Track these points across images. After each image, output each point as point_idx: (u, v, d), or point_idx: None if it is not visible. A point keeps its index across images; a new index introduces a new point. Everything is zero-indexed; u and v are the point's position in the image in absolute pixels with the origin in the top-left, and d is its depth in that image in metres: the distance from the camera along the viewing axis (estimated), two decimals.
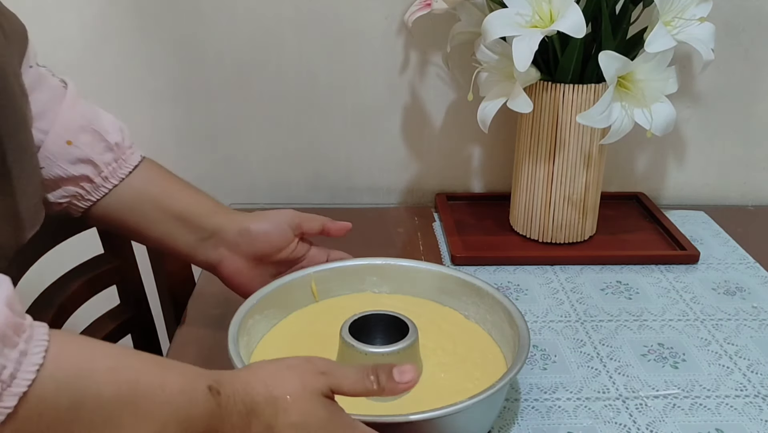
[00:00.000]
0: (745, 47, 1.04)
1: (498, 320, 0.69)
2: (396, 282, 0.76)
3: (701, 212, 1.07)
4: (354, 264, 0.76)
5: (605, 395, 0.68)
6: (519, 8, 0.80)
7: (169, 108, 1.06)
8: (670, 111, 0.85)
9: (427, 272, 0.75)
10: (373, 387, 0.52)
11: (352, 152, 1.10)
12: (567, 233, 0.94)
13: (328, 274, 0.75)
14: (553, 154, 0.90)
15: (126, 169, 0.71)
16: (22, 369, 0.40)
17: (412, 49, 1.04)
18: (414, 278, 0.75)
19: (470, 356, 0.68)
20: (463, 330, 0.72)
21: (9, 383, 0.39)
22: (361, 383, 0.52)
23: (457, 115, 1.07)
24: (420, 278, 0.75)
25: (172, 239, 0.72)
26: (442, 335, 0.70)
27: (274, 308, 0.71)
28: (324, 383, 0.51)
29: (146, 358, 0.48)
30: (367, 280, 0.76)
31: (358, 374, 0.53)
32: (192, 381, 0.47)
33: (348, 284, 0.76)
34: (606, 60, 0.80)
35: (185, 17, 1.01)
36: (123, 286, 0.87)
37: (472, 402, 0.56)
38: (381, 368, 0.53)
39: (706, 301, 0.84)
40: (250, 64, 1.04)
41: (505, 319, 0.68)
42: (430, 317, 0.71)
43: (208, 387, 0.47)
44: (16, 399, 0.39)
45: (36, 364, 0.40)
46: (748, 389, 0.69)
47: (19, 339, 0.40)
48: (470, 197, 1.11)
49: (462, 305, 0.73)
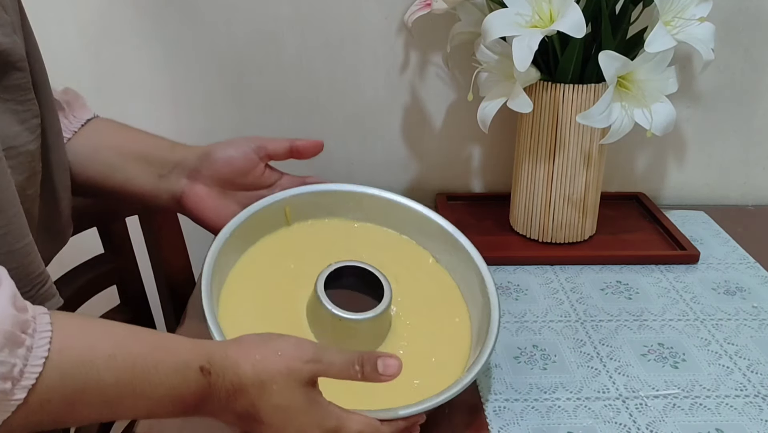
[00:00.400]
0: (745, 47, 1.04)
1: (468, 276, 0.69)
2: (372, 211, 0.73)
3: (701, 212, 1.07)
4: (332, 188, 0.73)
5: (605, 395, 0.68)
6: (519, 8, 0.80)
7: (169, 108, 1.06)
8: (670, 111, 0.85)
9: (405, 208, 0.73)
10: (357, 376, 0.55)
11: (352, 152, 1.10)
12: (567, 233, 0.94)
13: (304, 198, 0.71)
14: (553, 154, 0.90)
15: (77, 123, 0.70)
16: (30, 363, 0.42)
17: (412, 49, 1.04)
18: (391, 211, 0.73)
19: (437, 323, 0.68)
20: (433, 280, 0.70)
21: (19, 378, 0.42)
22: (346, 372, 0.55)
23: (457, 115, 1.07)
24: (397, 211, 0.73)
25: (135, 181, 0.70)
26: (414, 289, 0.69)
27: (247, 235, 0.68)
28: (309, 370, 0.53)
29: (144, 340, 0.50)
30: (343, 205, 0.73)
31: (344, 363, 0.55)
32: (185, 361, 0.50)
33: (323, 208, 0.72)
34: (606, 60, 0.80)
35: (185, 18, 1.01)
36: (123, 286, 0.87)
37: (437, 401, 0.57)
38: (367, 358, 0.55)
39: (706, 301, 0.84)
40: (250, 64, 1.04)
41: (477, 282, 0.68)
42: (404, 262, 0.69)
43: (200, 368, 0.50)
44: (25, 391, 0.42)
45: (42, 357, 0.43)
46: (748, 389, 0.69)
47: (24, 336, 0.42)
48: (470, 197, 1.11)
49: (435, 247, 0.72)
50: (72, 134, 0.69)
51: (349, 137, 1.09)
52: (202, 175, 0.70)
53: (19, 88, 0.55)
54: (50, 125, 0.61)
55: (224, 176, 0.70)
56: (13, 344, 0.41)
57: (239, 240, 0.67)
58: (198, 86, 1.05)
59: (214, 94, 1.06)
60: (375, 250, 0.69)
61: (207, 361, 0.51)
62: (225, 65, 1.04)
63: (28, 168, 0.56)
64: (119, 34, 1.02)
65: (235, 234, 0.66)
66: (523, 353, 0.74)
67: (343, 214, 0.73)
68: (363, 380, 0.54)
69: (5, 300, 0.42)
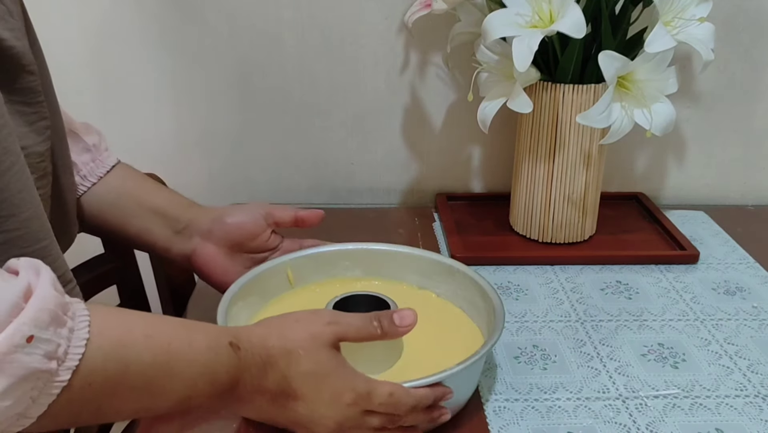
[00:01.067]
0: (745, 47, 1.04)
1: (470, 295, 0.72)
2: (368, 266, 0.78)
3: (701, 212, 1.07)
4: (327, 250, 0.78)
5: (605, 395, 0.69)
6: (519, 8, 0.80)
7: (171, 110, 1.06)
8: (669, 111, 0.85)
9: (397, 254, 0.78)
10: (377, 332, 0.58)
11: (352, 152, 1.10)
12: (567, 233, 0.94)
13: (303, 261, 0.77)
14: (553, 154, 0.90)
15: (104, 168, 0.74)
16: (72, 345, 0.43)
17: (412, 50, 1.04)
18: (385, 261, 0.78)
19: (448, 331, 0.71)
20: (437, 308, 0.75)
21: (63, 359, 0.42)
22: (365, 330, 0.58)
23: (457, 116, 1.08)
24: (390, 260, 0.78)
25: (149, 232, 0.74)
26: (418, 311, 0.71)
27: (254, 295, 0.73)
28: (331, 332, 0.56)
29: (175, 322, 0.52)
30: (339, 265, 0.78)
31: (362, 321, 0.58)
32: (215, 338, 0.52)
33: (322, 270, 0.78)
34: (606, 60, 0.80)
35: (187, 19, 1.01)
36: (123, 286, 0.88)
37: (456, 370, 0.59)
38: (382, 314, 0.59)
39: (706, 301, 0.84)
40: (251, 65, 1.04)
41: (477, 293, 0.71)
42: (404, 298, 0.73)
43: (229, 343, 0.52)
44: (69, 373, 0.43)
45: (83, 339, 0.44)
46: (748, 389, 0.69)
47: (66, 317, 0.43)
48: (470, 197, 1.11)
49: (433, 283, 0.76)
50: (98, 179, 0.73)
51: (350, 137, 1.09)
52: (213, 236, 0.74)
53: (29, 91, 0.56)
54: (56, 128, 0.62)
55: (234, 239, 0.75)
56: (57, 323, 0.42)
57: (247, 301, 0.72)
58: (199, 88, 1.05)
59: (215, 95, 1.06)
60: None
61: (234, 336, 0.52)
62: (226, 66, 1.04)
63: (38, 168, 0.57)
64: (122, 37, 1.02)
65: (243, 290, 0.71)
66: (523, 353, 0.74)
67: (341, 274, 0.78)
68: (383, 337, 0.58)
69: (47, 283, 0.43)
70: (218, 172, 1.10)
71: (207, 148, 1.09)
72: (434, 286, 0.76)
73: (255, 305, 0.73)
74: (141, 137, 1.08)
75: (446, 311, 0.74)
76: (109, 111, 1.06)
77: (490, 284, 0.71)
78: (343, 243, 0.78)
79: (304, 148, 1.09)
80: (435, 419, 0.60)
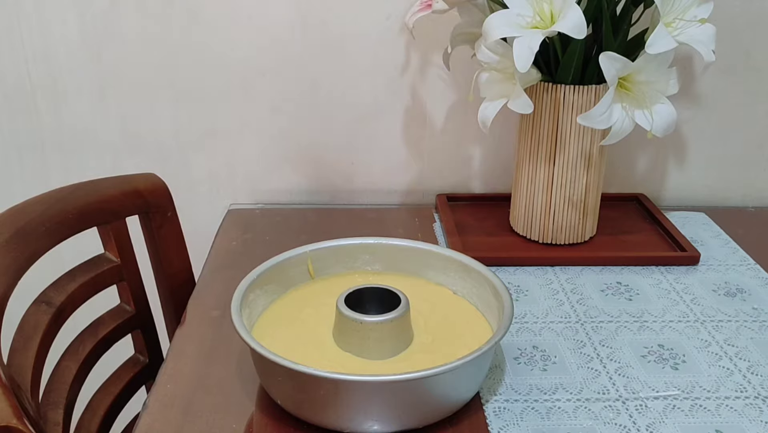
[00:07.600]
0: (746, 49, 1.04)
1: (483, 293, 0.73)
2: (387, 260, 0.79)
3: (702, 214, 1.07)
4: (348, 243, 0.79)
5: (605, 396, 0.68)
6: (520, 9, 0.80)
7: (171, 110, 1.06)
8: (670, 112, 0.85)
9: (416, 250, 0.79)
10: None
11: (352, 153, 1.10)
12: (567, 234, 0.94)
13: (324, 252, 0.78)
14: (553, 155, 0.90)
15: None
16: None
17: (412, 50, 1.04)
18: (404, 255, 0.79)
19: (458, 325, 0.72)
20: (451, 304, 0.76)
21: None
22: None
23: (458, 116, 1.08)
24: (409, 255, 0.79)
25: None
26: (432, 306, 0.74)
27: (273, 283, 0.74)
28: None
29: None
30: (360, 258, 0.79)
31: None
32: None
33: (342, 262, 0.79)
34: (607, 61, 0.80)
35: (186, 19, 1.01)
36: (123, 286, 0.87)
37: (463, 361, 0.60)
38: None
39: (707, 302, 0.84)
40: (251, 65, 1.04)
41: (490, 291, 0.72)
42: (419, 293, 0.75)
43: None
44: None
45: None
46: (748, 391, 0.69)
47: None
48: (471, 198, 1.11)
49: (450, 280, 0.77)
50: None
51: (350, 138, 1.09)
52: None
53: None
54: None
55: None
56: None
57: (265, 289, 0.73)
58: (199, 88, 1.05)
59: (215, 95, 1.06)
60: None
61: None
62: (226, 66, 1.04)
63: None
64: (121, 35, 1.02)
65: (262, 278, 0.72)
66: (523, 354, 0.74)
67: (362, 267, 0.79)
68: None
69: None
70: (218, 171, 1.10)
71: (207, 147, 1.09)
72: (451, 283, 0.77)
73: (273, 293, 0.75)
74: (141, 137, 1.08)
75: (460, 308, 0.75)
76: (109, 111, 1.06)
77: (503, 283, 0.71)
78: (365, 237, 0.80)
79: (305, 148, 1.09)
80: None
